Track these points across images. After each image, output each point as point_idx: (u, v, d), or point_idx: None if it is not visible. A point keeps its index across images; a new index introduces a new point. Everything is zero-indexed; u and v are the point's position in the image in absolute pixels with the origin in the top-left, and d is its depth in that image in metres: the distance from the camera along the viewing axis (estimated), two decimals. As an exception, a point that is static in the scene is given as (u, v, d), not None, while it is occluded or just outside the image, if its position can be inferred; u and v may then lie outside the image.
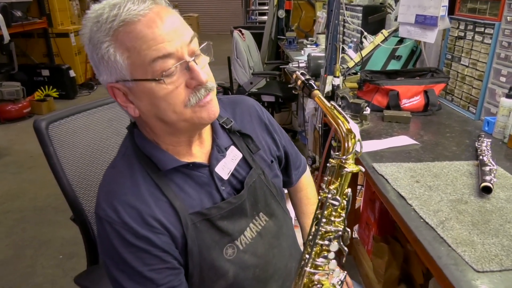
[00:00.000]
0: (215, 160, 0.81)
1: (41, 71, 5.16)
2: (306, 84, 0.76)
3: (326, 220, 0.74)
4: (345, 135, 0.71)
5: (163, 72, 0.66)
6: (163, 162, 0.75)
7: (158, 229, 0.72)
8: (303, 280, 0.76)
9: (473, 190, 1.02)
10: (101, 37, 0.66)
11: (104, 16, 0.66)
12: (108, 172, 0.77)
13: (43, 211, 2.71)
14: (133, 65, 0.66)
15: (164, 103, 0.68)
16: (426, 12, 1.63)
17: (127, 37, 0.65)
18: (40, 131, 1.00)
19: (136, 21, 0.65)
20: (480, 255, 0.78)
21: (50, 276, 2.09)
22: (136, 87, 0.68)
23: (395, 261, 1.73)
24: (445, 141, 1.36)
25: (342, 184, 0.73)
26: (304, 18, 4.03)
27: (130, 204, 0.71)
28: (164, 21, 0.66)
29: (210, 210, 0.77)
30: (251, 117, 0.92)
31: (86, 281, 1.02)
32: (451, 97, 1.72)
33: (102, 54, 0.67)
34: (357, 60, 1.94)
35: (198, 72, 0.68)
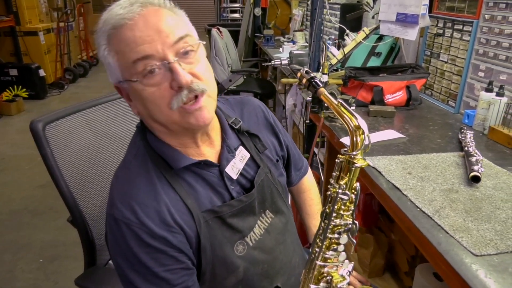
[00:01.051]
0: (225, 160, 0.82)
1: (9, 70, 4.96)
2: (311, 82, 0.78)
3: (335, 214, 0.76)
4: (353, 131, 0.73)
5: (143, 72, 0.68)
6: (176, 161, 0.75)
7: (175, 229, 0.72)
8: (313, 273, 0.78)
9: (462, 180, 1.08)
10: (101, 41, 0.71)
11: (102, 21, 0.70)
12: (122, 173, 0.76)
13: (19, 214, 2.62)
14: (121, 67, 0.70)
15: (150, 104, 0.70)
16: (407, 10, 1.69)
17: (116, 41, 0.69)
18: (37, 133, 0.97)
19: (122, 24, 0.67)
20: (477, 240, 0.83)
21: (31, 280, 2.03)
22: (129, 88, 0.71)
23: (380, 250, 1.79)
24: (429, 133, 1.42)
25: (351, 179, 0.75)
26: (280, 15, 4.07)
27: (147, 204, 0.71)
28: (148, 22, 0.68)
29: (221, 208, 0.78)
30: (257, 118, 0.94)
31: (87, 282, 1.00)
32: (431, 91, 1.79)
33: (104, 56, 0.71)
34: (340, 57, 1.99)
35: (178, 73, 0.67)
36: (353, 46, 1.97)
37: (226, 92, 3.48)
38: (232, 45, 3.78)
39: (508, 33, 1.36)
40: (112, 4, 0.70)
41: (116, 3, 0.70)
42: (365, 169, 1.18)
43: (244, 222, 0.82)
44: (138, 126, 0.81)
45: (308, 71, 0.80)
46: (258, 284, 0.86)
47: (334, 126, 1.51)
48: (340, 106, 0.74)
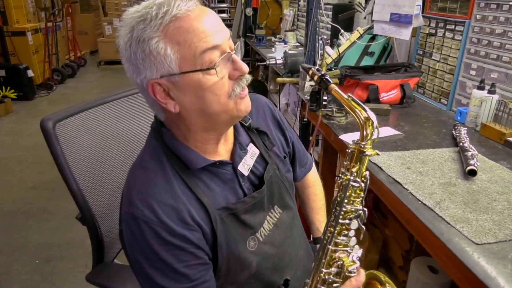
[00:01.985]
0: (238, 157, 0.84)
1: (-4, 71, 4.89)
2: (322, 79, 0.81)
3: (347, 201, 0.80)
4: (363, 123, 0.76)
5: (211, 62, 0.69)
6: (193, 162, 0.77)
7: (193, 226, 0.74)
8: (326, 258, 0.81)
9: (459, 174, 1.12)
10: (150, 33, 0.68)
11: (153, 13, 0.68)
12: (139, 172, 0.78)
13: (13, 216, 2.59)
14: (182, 58, 0.69)
15: (210, 94, 0.71)
16: (401, 10, 1.74)
17: (178, 32, 0.68)
18: (47, 131, 0.98)
19: (185, 16, 0.68)
20: (476, 230, 0.87)
21: (28, 281, 2.02)
22: (183, 80, 0.71)
23: (375, 246, 1.84)
24: (424, 130, 1.46)
25: (361, 168, 0.79)
26: (271, 16, 4.10)
27: (166, 203, 0.73)
28: (209, 16, 0.71)
29: (236, 205, 0.81)
30: (265, 115, 0.97)
31: (99, 278, 1.01)
32: (423, 90, 1.84)
33: (150, 50, 0.68)
34: (335, 57, 2.03)
35: (241, 63, 0.73)
36: (347, 46, 2.01)
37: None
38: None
39: (499, 32, 1.42)
40: (146, 2, 0.70)
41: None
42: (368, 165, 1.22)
43: (256, 218, 0.84)
44: (153, 127, 0.82)
45: (319, 69, 0.83)
46: (269, 278, 0.89)
47: (332, 124, 1.54)
48: (350, 100, 0.78)
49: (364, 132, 0.77)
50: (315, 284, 0.82)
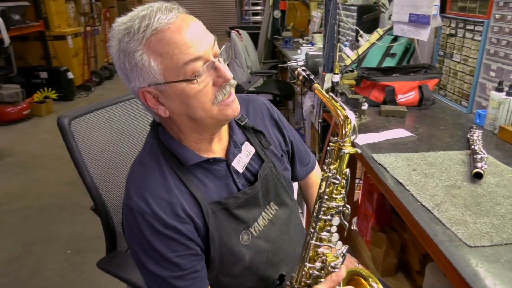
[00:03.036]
0: (232, 155, 0.88)
1: (39, 73, 5.20)
2: (307, 78, 0.84)
3: (328, 197, 0.82)
4: (342, 121, 0.79)
5: (194, 73, 0.73)
6: (186, 158, 0.82)
7: (184, 219, 0.79)
8: (309, 253, 0.84)
9: (466, 177, 1.10)
10: (134, 46, 0.72)
11: (136, 27, 0.71)
12: (137, 167, 0.84)
13: (48, 209, 2.76)
14: (166, 69, 0.73)
15: (194, 101, 0.75)
16: (419, 11, 1.72)
17: (159, 44, 0.71)
18: (63, 127, 1.06)
19: (166, 28, 0.71)
20: (472, 232, 0.86)
21: (59, 270, 2.16)
22: (169, 89, 0.75)
23: (393, 249, 1.81)
24: (439, 133, 1.44)
25: (341, 165, 0.81)
26: (299, 17, 4.11)
27: (160, 197, 0.78)
28: (190, 26, 0.73)
29: (227, 200, 0.85)
30: (262, 114, 1.00)
31: (108, 265, 1.08)
32: (444, 92, 1.81)
33: (135, 62, 0.73)
34: (354, 58, 2.02)
35: (224, 71, 0.76)
36: (367, 47, 2.00)
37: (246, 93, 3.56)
38: (252, 47, 3.85)
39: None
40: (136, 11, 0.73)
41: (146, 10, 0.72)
42: (372, 166, 1.22)
43: (249, 213, 0.88)
44: (152, 126, 0.88)
45: (304, 69, 0.86)
46: (264, 272, 0.92)
47: (345, 125, 1.55)
48: (331, 99, 0.80)
49: (343, 130, 0.79)
50: (300, 278, 0.84)
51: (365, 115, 1.59)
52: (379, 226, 1.89)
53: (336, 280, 0.80)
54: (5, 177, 3.25)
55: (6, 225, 2.58)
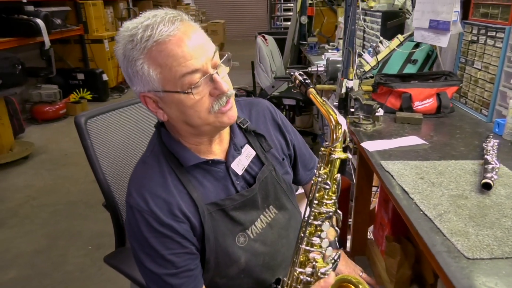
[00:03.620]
0: (232, 157, 0.90)
1: (77, 75, 5.43)
2: (302, 82, 0.85)
3: (318, 202, 0.82)
4: (333, 126, 0.79)
5: (191, 86, 0.75)
6: (186, 159, 0.85)
7: (180, 218, 0.81)
8: (299, 258, 0.84)
9: (475, 187, 1.07)
10: (136, 55, 0.75)
11: (139, 36, 0.74)
12: (139, 166, 0.87)
13: (75, 205, 2.88)
14: (164, 79, 0.76)
15: (191, 111, 0.78)
16: (439, 17, 1.68)
17: (159, 55, 0.74)
18: (80, 126, 1.12)
19: (167, 41, 0.74)
20: (473, 244, 0.84)
21: (80, 264, 2.24)
22: (167, 97, 0.78)
23: (407, 261, 1.77)
24: (454, 141, 1.40)
25: (332, 170, 0.81)
26: (326, 23, 4.09)
27: (158, 195, 0.81)
28: (191, 38, 0.75)
29: (224, 201, 0.87)
30: (265, 118, 1.01)
31: (114, 260, 1.13)
32: (465, 99, 1.75)
33: (137, 70, 0.76)
34: (373, 64, 2.00)
35: (220, 84, 0.78)
36: (386, 53, 1.97)
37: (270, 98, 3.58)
38: (277, 52, 3.87)
39: (542, 40, 1.32)
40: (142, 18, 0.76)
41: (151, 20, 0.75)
42: (380, 173, 1.21)
43: (246, 215, 0.89)
44: (156, 126, 0.92)
45: (301, 73, 0.87)
46: (260, 275, 0.93)
47: (358, 131, 1.53)
48: (324, 103, 0.81)
49: (334, 135, 0.79)
50: (291, 283, 0.84)
51: (379, 121, 1.57)
52: (394, 236, 1.85)
53: (324, 286, 0.80)
54: (38, 173, 3.42)
55: (36, 219, 2.71)
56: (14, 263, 2.27)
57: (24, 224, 2.65)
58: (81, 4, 5.47)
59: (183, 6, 8.22)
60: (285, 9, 8.41)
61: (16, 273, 2.19)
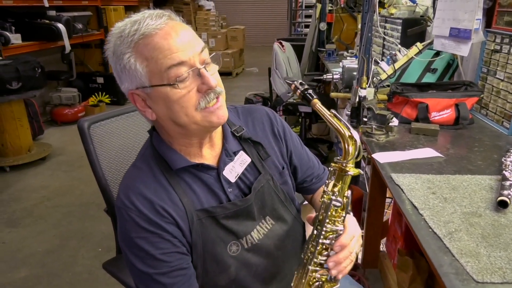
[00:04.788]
0: (223, 164, 0.87)
1: (96, 78, 5.53)
2: (304, 94, 0.80)
3: (328, 220, 0.78)
4: (346, 141, 0.75)
5: (177, 78, 0.74)
6: (174, 162, 0.83)
7: (168, 219, 0.79)
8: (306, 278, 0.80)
9: (490, 204, 1.01)
10: (124, 49, 0.75)
11: (126, 31, 0.75)
12: (129, 170, 0.86)
13: (88, 207, 2.91)
14: (151, 73, 0.75)
15: (177, 106, 0.76)
16: (460, 25, 1.62)
17: (146, 48, 0.74)
18: (83, 130, 1.12)
19: (153, 34, 0.74)
20: (484, 266, 0.78)
21: (88, 266, 2.25)
22: (154, 93, 0.77)
23: (420, 276, 1.70)
24: (471, 155, 1.34)
25: (343, 187, 0.77)
26: (346, 30, 4.04)
27: (144, 196, 0.79)
28: (179, 33, 0.75)
29: (215, 209, 0.84)
30: (263, 125, 0.98)
31: (113, 267, 1.11)
32: (486, 111, 1.68)
33: (124, 64, 0.76)
34: (390, 73, 1.94)
35: (208, 78, 0.76)
36: (404, 62, 1.91)
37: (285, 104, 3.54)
38: (295, 59, 3.83)
39: None
40: (131, 17, 0.77)
41: (139, 16, 0.76)
42: (390, 186, 1.16)
43: (240, 225, 0.86)
44: (149, 131, 0.90)
45: (302, 83, 0.83)
46: (251, 286, 0.90)
47: (370, 142, 1.48)
48: (333, 117, 0.76)
49: (346, 150, 0.75)
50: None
51: (392, 132, 1.52)
52: (407, 250, 1.78)
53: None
54: (54, 174, 3.47)
55: (49, 219, 2.75)
56: (25, 262, 2.29)
57: (38, 224, 2.68)
58: (102, 9, 5.58)
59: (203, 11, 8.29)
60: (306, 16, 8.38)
61: (28, 272, 2.21)
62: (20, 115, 3.57)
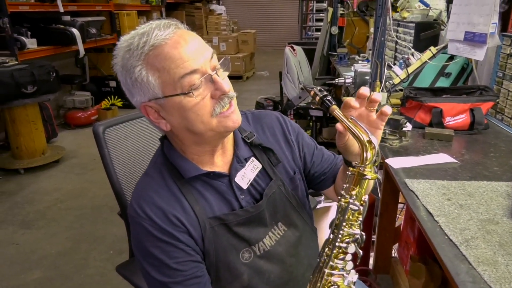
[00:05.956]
0: (235, 170, 0.87)
1: (109, 82, 5.59)
2: (323, 100, 0.80)
3: (345, 224, 0.77)
4: (364, 146, 0.74)
5: (191, 86, 0.74)
6: (186, 171, 0.83)
7: (181, 228, 0.79)
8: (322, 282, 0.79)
9: (507, 212, 0.99)
10: (134, 62, 0.75)
11: (135, 44, 0.74)
12: (142, 178, 0.87)
13: (100, 209, 2.93)
14: (163, 83, 0.75)
15: (192, 115, 0.76)
16: (476, 29, 1.60)
17: (157, 59, 0.74)
18: (98, 134, 1.13)
19: (163, 44, 0.74)
20: (502, 275, 0.77)
21: (100, 268, 2.27)
22: (167, 103, 0.76)
23: (433, 283, 1.67)
24: (487, 160, 1.31)
25: (360, 191, 0.76)
26: (357, 34, 4.03)
27: (156, 205, 0.79)
28: (188, 42, 0.75)
29: (227, 216, 0.84)
30: (274, 130, 0.97)
31: (126, 270, 1.12)
32: (501, 116, 1.65)
33: (135, 77, 0.75)
34: (403, 77, 1.93)
35: (221, 83, 0.76)
36: (417, 66, 1.90)
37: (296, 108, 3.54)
38: (306, 63, 3.83)
39: None
40: (138, 29, 0.77)
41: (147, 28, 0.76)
42: (404, 191, 1.14)
43: (252, 232, 0.86)
44: (160, 139, 0.90)
45: (321, 89, 0.82)
46: None
47: (383, 147, 1.47)
48: (352, 122, 0.75)
49: (364, 155, 0.74)
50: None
51: (406, 137, 1.50)
52: (419, 256, 1.75)
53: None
54: (67, 177, 3.51)
55: (62, 222, 2.78)
56: (39, 264, 2.32)
57: (51, 226, 2.71)
58: (115, 14, 5.65)
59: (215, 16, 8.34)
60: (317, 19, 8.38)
61: (41, 274, 2.24)
62: (34, 119, 3.63)
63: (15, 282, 2.18)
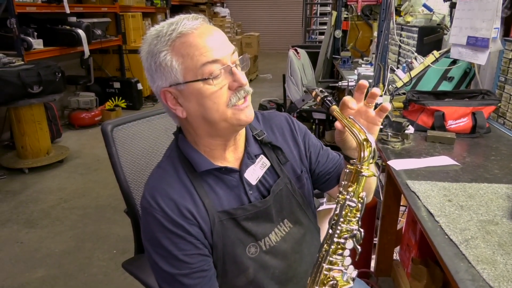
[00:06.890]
0: (245, 166, 0.90)
1: (113, 83, 5.62)
2: (324, 100, 0.83)
3: (343, 220, 0.79)
4: (361, 145, 0.76)
5: (211, 74, 0.78)
6: (199, 164, 0.85)
7: (191, 220, 0.81)
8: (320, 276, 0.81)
9: (507, 213, 1.01)
10: (161, 47, 0.79)
11: (164, 31, 0.79)
12: (155, 171, 0.89)
13: (104, 209, 2.96)
14: (186, 69, 0.79)
15: (209, 102, 0.79)
16: (478, 34, 1.62)
17: (182, 46, 0.78)
18: (106, 133, 1.15)
19: (190, 33, 0.78)
20: (500, 274, 0.78)
21: (104, 268, 2.29)
22: (187, 89, 0.80)
23: (434, 285, 1.68)
24: (488, 163, 1.33)
25: (357, 188, 0.78)
26: (361, 38, 4.05)
27: (169, 197, 0.82)
28: (213, 34, 0.80)
29: (236, 210, 0.86)
30: (283, 131, 1.00)
31: (132, 267, 1.14)
32: (503, 120, 1.67)
33: (160, 62, 0.79)
34: (406, 81, 1.94)
35: (239, 75, 0.80)
36: (420, 70, 1.91)
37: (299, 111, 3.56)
38: (309, 66, 3.86)
39: None
40: (168, 20, 0.82)
41: (176, 18, 0.81)
42: (405, 193, 1.16)
43: (259, 227, 0.88)
44: (174, 133, 0.93)
45: (322, 90, 0.85)
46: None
47: (385, 149, 1.49)
48: (351, 121, 0.78)
49: (362, 153, 0.76)
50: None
51: (408, 139, 1.52)
52: (421, 259, 1.77)
53: None
54: (71, 177, 3.54)
55: (66, 221, 2.80)
56: (43, 262, 2.34)
57: (55, 226, 2.74)
58: (121, 16, 5.70)
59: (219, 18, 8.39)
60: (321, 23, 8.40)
61: (44, 272, 2.26)
62: (40, 119, 3.66)
63: (19, 280, 2.20)
